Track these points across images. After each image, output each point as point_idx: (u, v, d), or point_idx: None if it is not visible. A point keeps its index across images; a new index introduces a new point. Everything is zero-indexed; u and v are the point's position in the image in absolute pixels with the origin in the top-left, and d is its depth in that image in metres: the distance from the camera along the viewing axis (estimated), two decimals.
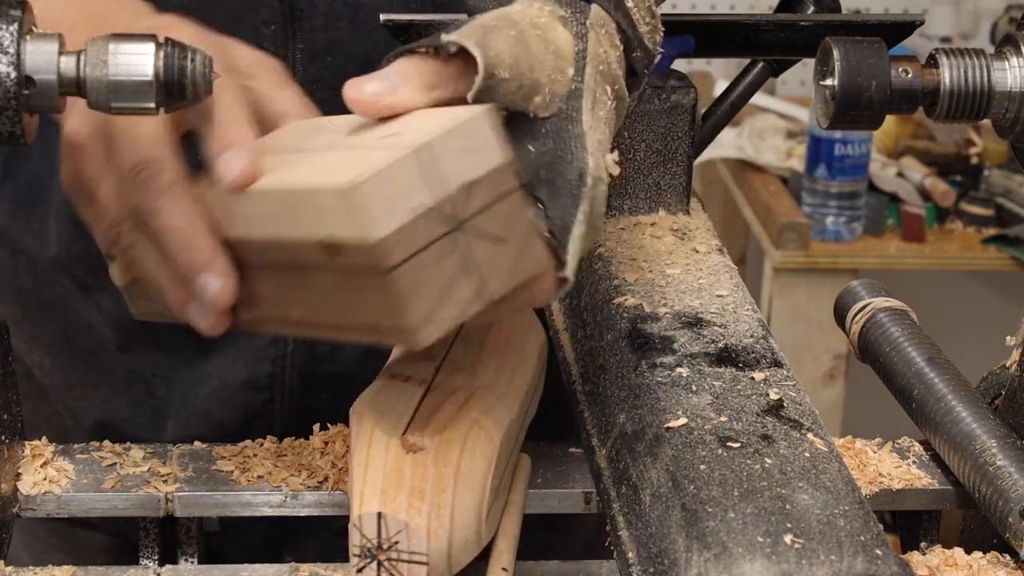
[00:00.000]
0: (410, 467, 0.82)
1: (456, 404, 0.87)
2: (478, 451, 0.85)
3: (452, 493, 0.82)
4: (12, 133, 0.78)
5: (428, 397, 0.87)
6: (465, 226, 0.75)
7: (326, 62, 1.10)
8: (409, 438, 0.84)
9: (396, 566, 0.80)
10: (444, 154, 0.74)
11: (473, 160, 0.75)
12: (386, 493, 0.81)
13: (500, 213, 0.76)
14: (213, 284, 0.82)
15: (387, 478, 0.81)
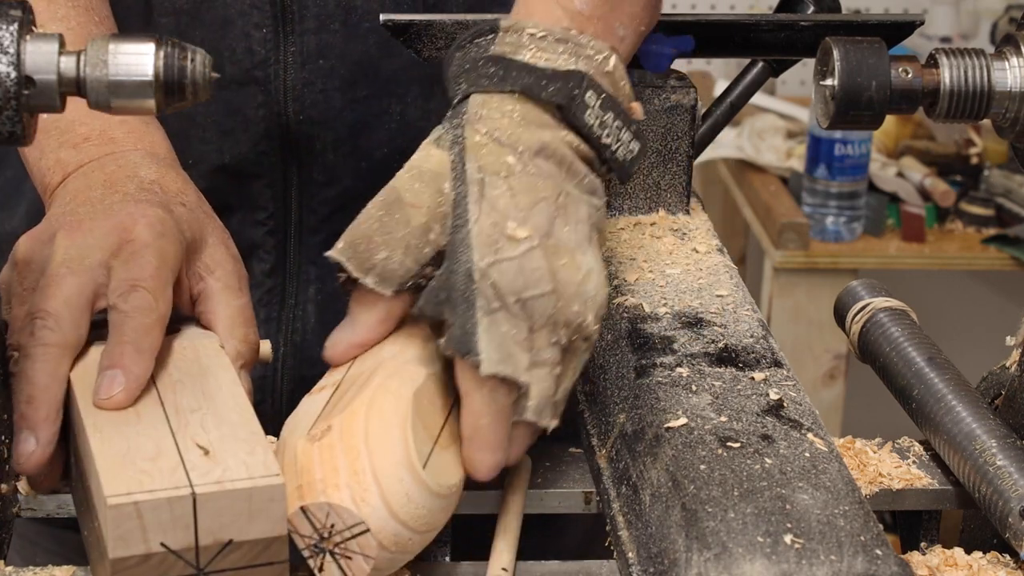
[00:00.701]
0: (318, 454, 0.82)
1: (359, 384, 0.86)
2: (387, 408, 0.84)
3: (367, 456, 0.81)
4: (12, 133, 0.78)
5: (335, 394, 0.87)
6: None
7: (318, 65, 1.10)
8: (314, 431, 0.84)
9: (346, 547, 0.80)
10: (215, 508, 0.77)
11: (245, 523, 0.78)
12: (302, 488, 0.81)
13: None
14: (27, 445, 0.85)
15: (300, 475, 0.82)
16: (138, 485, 0.77)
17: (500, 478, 0.99)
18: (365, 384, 0.85)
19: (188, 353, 0.92)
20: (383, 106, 1.11)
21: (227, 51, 1.09)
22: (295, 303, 1.15)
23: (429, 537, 0.84)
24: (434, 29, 1.02)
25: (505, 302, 0.82)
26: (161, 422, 0.83)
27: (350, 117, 1.11)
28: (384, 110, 1.11)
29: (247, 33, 1.09)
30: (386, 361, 0.86)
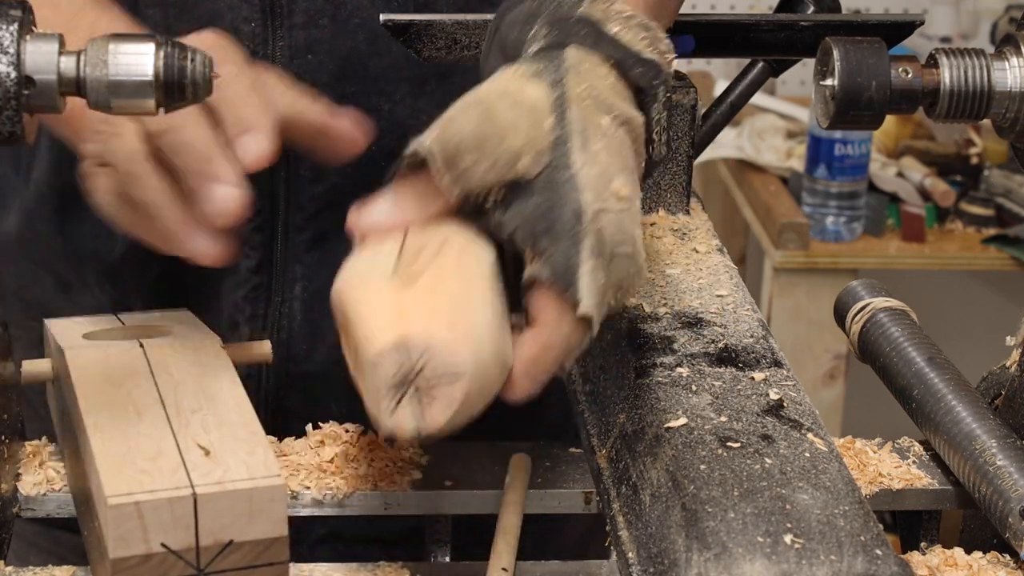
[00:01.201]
0: (413, 297, 0.80)
1: (434, 246, 0.84)
2: (475, 267, 0.83)
3: (464, 307, 0.80)
4: (12, 133, 0.78)
5: (404, 252, 0.85)
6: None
7: (306, 60, 1.10)
8: (402, 276, 0.82)
9: (431, 391, 0.79)
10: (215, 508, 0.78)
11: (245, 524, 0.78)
12: (395, 324, 0.79)
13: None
14: (222, 192, 0.86)
15: (393, 312, 0.79)
16: (139, 485, 0.77)
17: (500, 478, 0.99)
18: (444, 244, 0.84)
19: (189, 354, 0.92)
20: (372, 103, 1.11)
21: None
22: (281, 300, 1.15)
23: (485, 404, 0.83)
24: (434, 29, 1.02)
25: (603, 251, 0.82)
26: (162, 422, 0.83)
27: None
28: (373, 107, 1.11)
29: (235, 27, 1.09)
30: (453, 234, 0.85)
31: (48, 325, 0.99)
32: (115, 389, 0.87)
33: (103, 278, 1.16)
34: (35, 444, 0.99)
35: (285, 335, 1.15)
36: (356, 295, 0.82)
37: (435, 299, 0.80)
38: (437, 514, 0.98)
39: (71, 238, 1.16)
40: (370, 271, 0.83)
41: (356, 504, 0.96)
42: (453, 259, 0.83)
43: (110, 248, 1.15)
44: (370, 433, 1.02)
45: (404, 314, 0.79)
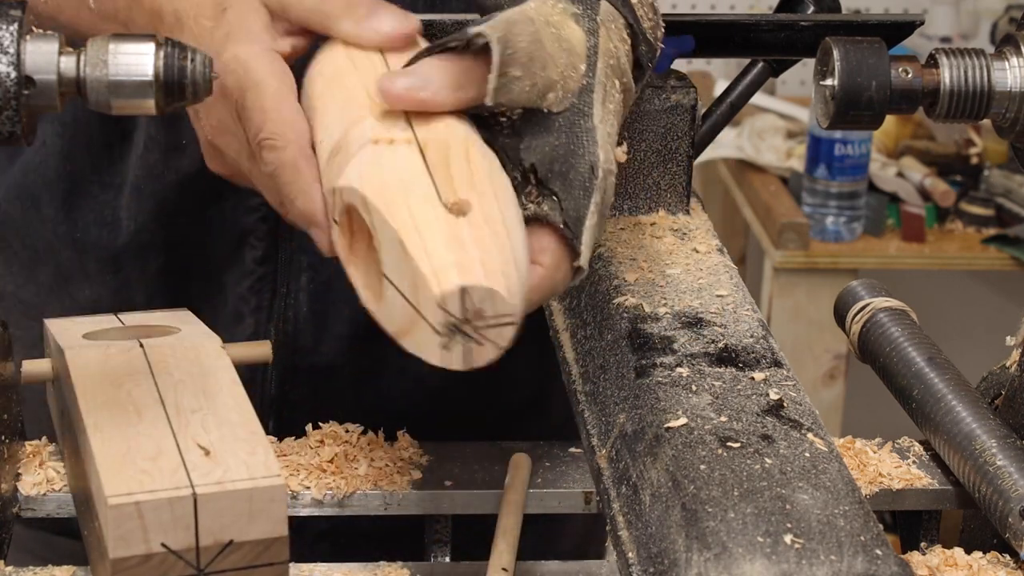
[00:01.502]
0: (466, 231, 0.79)
1: (461, 153, 0.83)
2: (510, 194, 0.82)
3: (511, 247, 0.79)
4: (12, 133, 0.78)
5: (427, 155, 0.83)
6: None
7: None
8: (449, 203, 0.80)
9: (483, 334, 0.78)
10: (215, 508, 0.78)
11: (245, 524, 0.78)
12: (460, 265, 0.77)
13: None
14: (324, 236, 0.86)
15: (450, 248, 0.78)
16: (139, 485, 0.77)
17: (500, 478, 0.99)
18: (469, 152, 0.83)
19: (188, 353, 0.92)
20: None
21: None
22: (287, 292, 1.14)
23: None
24: (434, 28, 1.02)
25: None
26: (162, 422, 0.83)
27: None
28: None
29: None
30: (472, 142, 0.84)
31: (48, 325, 0.99)
32: (115, 389, 0.87)
33: (105, 267, 1.16)
34: (35, 444, 0.99)
35: (291, 327, 1.15)
36: (404, 214, 0.79)
37: (490, 234, 0.79)
38: (437, 514, 0.98)
39: (76, 225, 1.15)
40: (404, 184, 0.81)
41: (356, 504, 0.96)
42: (487, 178, 0.82)
43: (114, 237, 1.15)
44: (370, 433, 1.02)
45: (466, 253, 0.78)
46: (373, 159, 0.82)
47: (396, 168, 0.81)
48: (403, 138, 0.83)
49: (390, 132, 0.83)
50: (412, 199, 0.80)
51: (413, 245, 0.78)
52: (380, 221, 0.79)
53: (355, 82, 0.87)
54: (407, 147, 0.82)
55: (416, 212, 0.79)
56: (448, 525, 0.99)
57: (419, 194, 0.80)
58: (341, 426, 1.02)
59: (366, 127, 0.83)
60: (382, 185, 0.80)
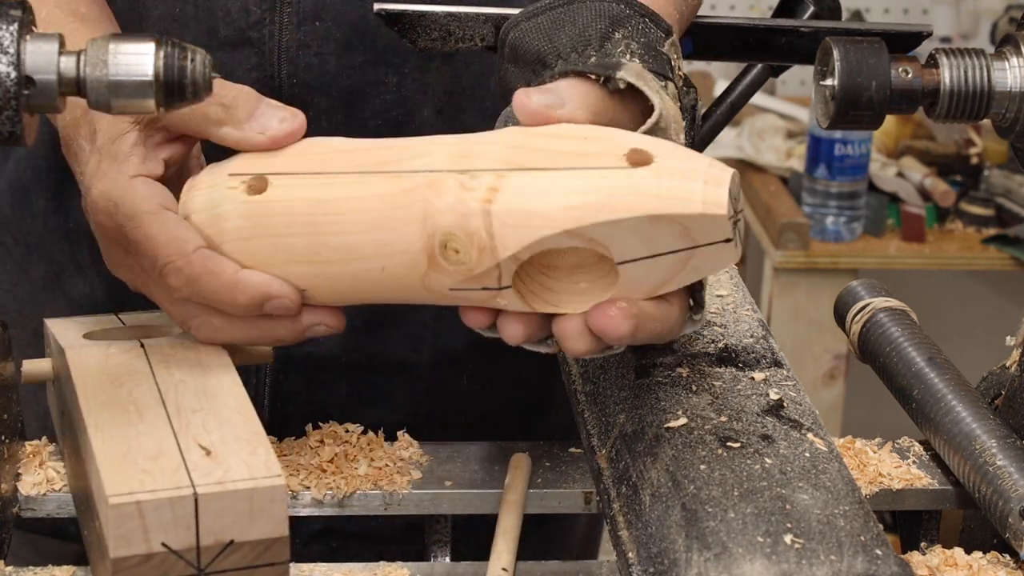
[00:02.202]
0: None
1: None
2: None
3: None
4: (12, 133, 0.78)
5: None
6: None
7: (313, 27, 1.09)
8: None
9: (738, 230, 0.79)
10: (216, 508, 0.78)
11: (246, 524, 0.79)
12: (706, 176, 0.78)
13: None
14: (279, 303, 0.87)
15: (683, 174, 0.78)
16: (140, 485, 0.77)
17: (500, 478, 0.99)
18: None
19: (189, 353, 0.92)
20: (379, 75, 1.10)
21: (221, 11, 1.08)
22: None
23: None
24: (427, 20, 1.01)
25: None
26: (163, 422, 0.83)
27: (345, 83, 1.10)
28: (380, 79, 1.10)
29: None
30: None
31: (48, 325, 0.99)
32: (116, 389, 0.87)
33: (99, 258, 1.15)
34: (35, 444, 0.99)
35: None
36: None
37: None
38: (437, 514, 0.98)
39: (68, 216, 1.15)
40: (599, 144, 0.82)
41: (356, 504, 0.96)
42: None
43: None
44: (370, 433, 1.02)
45: (696, 160, 0.79)
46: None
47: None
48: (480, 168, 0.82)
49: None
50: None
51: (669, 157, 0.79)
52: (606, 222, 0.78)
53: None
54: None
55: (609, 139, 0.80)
56: (448, 525, 0.99)
57: (614, 145, 0.80)
58: (341, 426, 1.02)
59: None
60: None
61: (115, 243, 0.91)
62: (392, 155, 0.83)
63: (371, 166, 0.83)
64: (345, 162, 0.85)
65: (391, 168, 0.82)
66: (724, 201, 0.76)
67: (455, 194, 0.79)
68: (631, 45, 0.87)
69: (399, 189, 0.81)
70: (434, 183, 0.80)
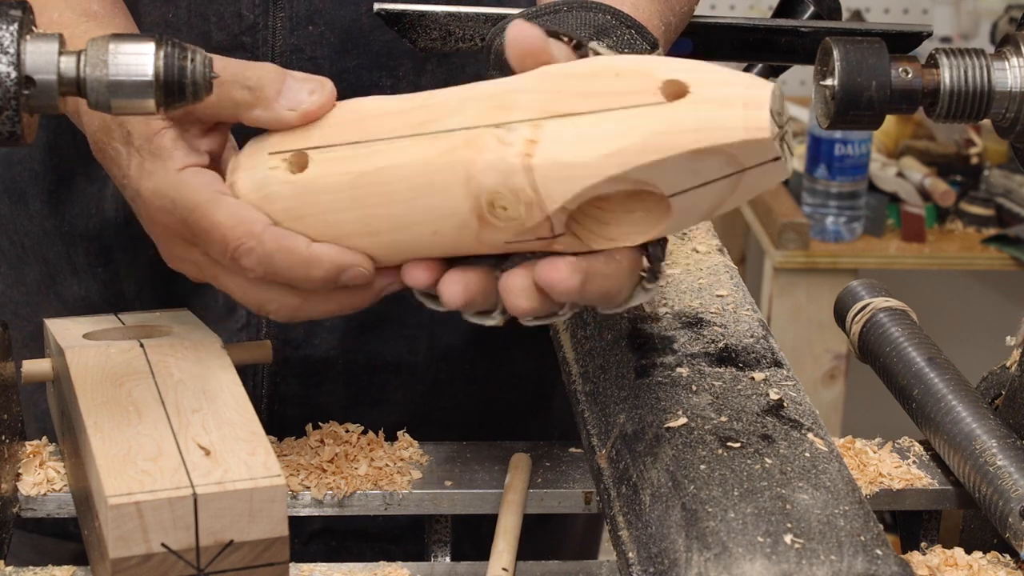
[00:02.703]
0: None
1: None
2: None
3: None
4: (12, 133, 0.78)
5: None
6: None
7: (307, 31, 1.08)
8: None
9: (785, 145, 0.76)
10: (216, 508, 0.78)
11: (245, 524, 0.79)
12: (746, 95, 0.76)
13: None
14: (355, 272, 0.85)
15: (721, 102, 0.76)
16: (139, 485, 0.77)
17: (500, 478, 0.99)
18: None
19: (188, 353, 0.92)
20: (373, 79, 1.10)
21: (215, 15, 1.08)
22: None
23: None
24: (427, 20, 1.01)
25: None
26: (162, 422, 0.83)
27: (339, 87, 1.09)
28: (375, 83, 1.10)
29: None
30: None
31: (48, 325, 0.99)
32: (115, 389, 0.87)
33: (94, 260, 1.15)
34: (35, 444, 0.99)
35: None
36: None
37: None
38: (437, 514, 0.98)
39: (63, 218, 1.15)
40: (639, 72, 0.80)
41: (356, 504, 0.96)
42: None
43: (102, 229, 1.14)
44: (370, 433, 1.02)
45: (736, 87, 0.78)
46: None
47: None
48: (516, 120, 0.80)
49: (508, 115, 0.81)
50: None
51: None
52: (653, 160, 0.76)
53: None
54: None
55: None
56: (448, 525, 0.99)
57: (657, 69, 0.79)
58: (341, 426, 1.02)
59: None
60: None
61: (176, 238, 0.89)
62: (426, 115, 0.82)
63: (407, 129, 0.82)
64: (380, 127, 0.83)
65: (427, 129, 0.81)
66: (766, 123, 0.74)
67: (495, 151, 0.78)
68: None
69: (438, 152, 0.80)
70: (472, 141, 0.79)
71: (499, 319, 0.83)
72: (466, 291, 0.81)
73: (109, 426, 0.83)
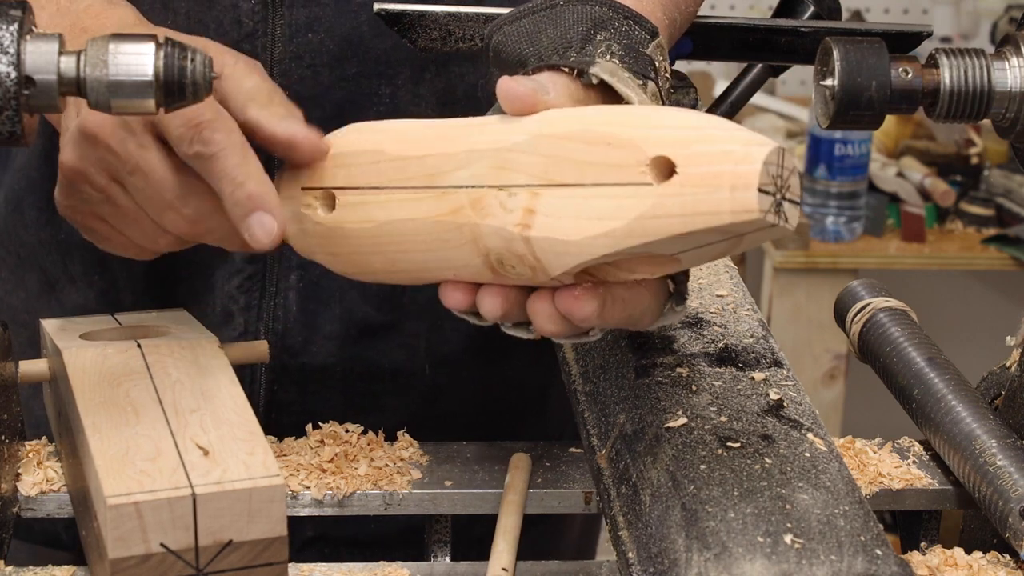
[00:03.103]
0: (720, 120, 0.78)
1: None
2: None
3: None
4: (12, 133, 0.78)
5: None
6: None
7: (306, 39, 1.08)
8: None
9: (791, 195, 0.75)
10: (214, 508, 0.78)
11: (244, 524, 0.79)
12: (746, 142, 0.75)
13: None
14: (264, 224, 0.86)
15: (741, 139, 0.75)
16: (138, 485, 0.77)
17: (500, 478, 0.99)
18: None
19: (186, 353, 0.92)
20: (372, 87, 1.10)
21: (213, 23, 1.07)
22: (276, 291, 1.14)
23: None
24: (427, 20, 1.01)
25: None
26: (160, 422, 0.83)
27: (338, 96, 1.10)
28: (374, 91, 1.10)
29: (235, 4, 1.07)
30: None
31: (44, 325, 0.99)
32: (113, 389, 0.87)
33: (92, 269, 1.15)
34: (35, 444, 0.99)
35: (280, 326, 1.14)
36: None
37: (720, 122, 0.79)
38: (437, 514, 0.98)
39: (60, 227, 1.15)
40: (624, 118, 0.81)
41: (356, 504, 0.96)
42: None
43: None
44: (370, 433, 1.02)
45: (738, 131, 0.77)
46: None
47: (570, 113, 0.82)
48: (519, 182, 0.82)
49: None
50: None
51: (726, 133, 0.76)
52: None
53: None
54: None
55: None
56: (448, 525, 0.99)
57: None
58: (341, 426, 1.02)
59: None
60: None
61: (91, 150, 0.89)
62: (437, 164, 0.84)
63: (421, 177, 0.85)
64: (397, 173, 0.86)
65: (438, 183, 0.84)
66: (753, 205, 0.73)
67: (497, 218, 0.81)
68: (612, 47, 0.87)
69: (447, 210, 0.83)
70: (477, 202, 0.82)
71: (535, 334, 0.84)
72: (504, 304, 0.83)
73: (107, 426, 0.83)
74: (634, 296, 0.81)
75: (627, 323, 0.82)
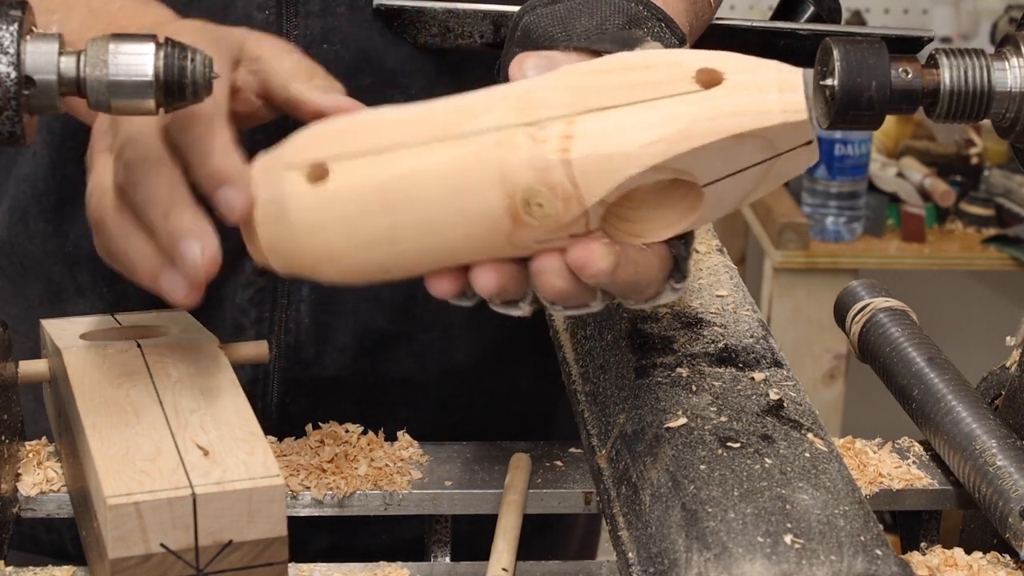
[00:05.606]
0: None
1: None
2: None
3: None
4: (12, 133, 0.78)
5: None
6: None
7: (321, 49, 1.08)
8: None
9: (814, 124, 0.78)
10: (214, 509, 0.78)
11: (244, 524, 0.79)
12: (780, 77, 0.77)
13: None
14: (194, 251, 0.82)
15: (758, 86, 0.77)
16: (138, 486, 0.77)
17: (500, 478, 0.99)
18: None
19: (187, 354, 0.92)
20: (386, 97, 1.10)
21: None
22: (288, 303, 1.13)
23: None
24: (426, 16, 1.01)
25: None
26: (160, 422, 0.83)
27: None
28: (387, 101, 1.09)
29: (248, 15, 1.07)
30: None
31: (45, 325, 0.99)
32: (113, 389, 0.87)
33: (99, 280, 1.15)
34: (35, 444, 0.99)
35: (292, 339, 1.14)
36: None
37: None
38: (437, 514, 0.98)
39: (67, 237, 1.14)
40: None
41: (356, 504, 0.96)
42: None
43: None
44: (370, 433, 1.02)
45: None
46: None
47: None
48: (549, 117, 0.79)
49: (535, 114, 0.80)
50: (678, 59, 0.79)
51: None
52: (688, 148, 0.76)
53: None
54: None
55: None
56: (448, 525, 0.99)
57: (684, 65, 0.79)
58: (341, 426, 1.02)
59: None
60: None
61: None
62: (450, 118, 0.80)
63: (431, 134, 0.80)
64: (401, 133, 0.81)
65: (453, 133, 0.79)
66: (803, 105, 0.75)
67: (529, 149, 0.77)
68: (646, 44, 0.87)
69: (469, 153, 0.78)
70: (504, 141, 0.77)
71: (527, 308, 0.82)
72: (499, 278, 0.79)
73: (107, 426, 0.83)
74: (645, 260, 0.79)
75: (632, 290, 0.80)
